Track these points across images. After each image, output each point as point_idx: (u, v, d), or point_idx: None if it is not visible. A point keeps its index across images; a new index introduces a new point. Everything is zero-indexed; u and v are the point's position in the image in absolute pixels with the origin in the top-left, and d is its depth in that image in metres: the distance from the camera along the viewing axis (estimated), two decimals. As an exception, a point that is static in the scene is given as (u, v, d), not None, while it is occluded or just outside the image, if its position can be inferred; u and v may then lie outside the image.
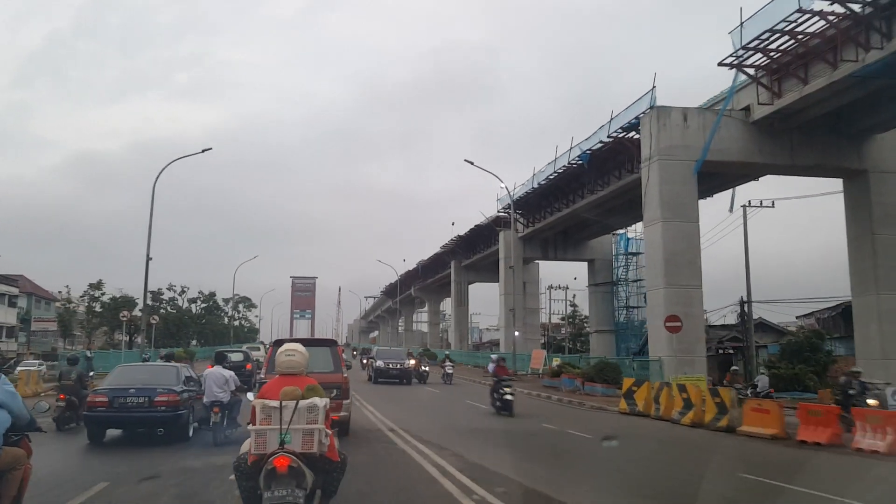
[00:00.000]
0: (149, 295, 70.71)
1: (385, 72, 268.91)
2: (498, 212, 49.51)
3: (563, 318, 73.97)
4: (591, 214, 43.32)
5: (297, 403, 5.16)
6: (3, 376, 5.08)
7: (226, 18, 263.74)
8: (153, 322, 42.36)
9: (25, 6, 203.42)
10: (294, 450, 5.05)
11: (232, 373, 12.88)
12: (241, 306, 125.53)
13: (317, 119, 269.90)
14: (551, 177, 40.44)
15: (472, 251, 61.85)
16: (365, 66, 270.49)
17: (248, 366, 23.38)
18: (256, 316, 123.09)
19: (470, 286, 67.15)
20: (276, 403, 5.18)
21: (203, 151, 32.99)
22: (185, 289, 69.84)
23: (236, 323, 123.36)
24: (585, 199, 39.70)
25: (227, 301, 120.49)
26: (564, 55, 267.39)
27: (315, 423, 5.19)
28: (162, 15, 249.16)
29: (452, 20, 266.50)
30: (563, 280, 71.00)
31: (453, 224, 72.57)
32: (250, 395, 7.67)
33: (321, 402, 5.30)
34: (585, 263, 52.51)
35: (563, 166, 38.39)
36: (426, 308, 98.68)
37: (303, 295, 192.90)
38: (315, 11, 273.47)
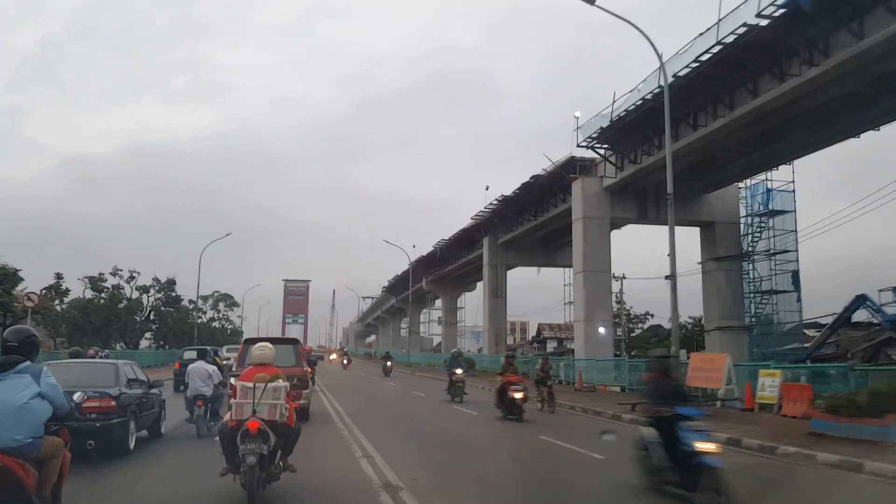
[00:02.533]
0: (85, 281, 53.22)
1: (380, 76, 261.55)
2: (578, 145, 31.91)
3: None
4: (749, 135, 26.13)
5: (265, 385, 6.88)
6: (44, 369, 5.11)
7: (221, 23, 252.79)
8: (29, 306, 24.57)
9: (20, 9, 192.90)
10: (262, 417, 6.74)
11: (215, 367, 12.87)
12: (221, 305, 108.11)
13: (311, 123, 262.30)
14: (702, 59, 23.05)
15: (517, 221, 44.40)
16: (360, 70, 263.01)
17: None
18: (239, 316, 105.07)
19: (508, 272, 49.69)
20: (251, 384, 6.91)
21: None
22: (135, 274, 51.92)
23: (216, 324, 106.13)
24: (762, 96, 22.45)
25: (204, 298, 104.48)
26: (562, 61, 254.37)
27: (278, 400, 6.91)
28: (157, 19, 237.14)
29: (448, 26, 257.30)
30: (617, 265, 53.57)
31: (487, 188, 50.88)
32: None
33: (283, 384, 7.07)
34: (697, 229, 35.13)
35: (748, 25, 21.02)
36: (438, 305, 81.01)
37: (295, 299, 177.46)
38: (310, 17, 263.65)
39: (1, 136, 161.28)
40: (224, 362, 20.44)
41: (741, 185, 33.85)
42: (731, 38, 21.74)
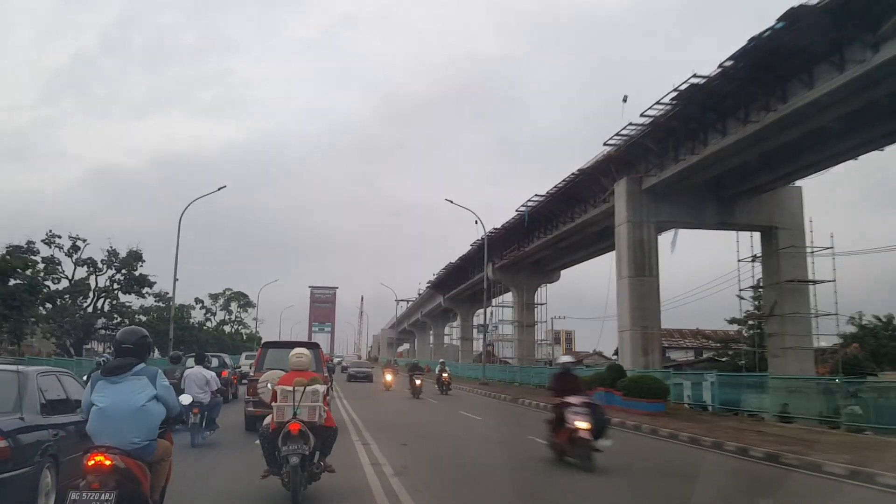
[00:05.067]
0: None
1: (404, 85, 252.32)
2: None
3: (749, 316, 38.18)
4: None
5: (304, 388, 6.98)
6: (159, 371, 4.89)
7: (248, 38, 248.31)
8: None
9: (54, 25, 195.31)
10: (302, 419, 6.82)
11: (213, 373, 12.24)
12: (234, 305, 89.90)
13: (335, 133, 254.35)
14: None
15: (697, 141, 25.31)
16: (384, 79, 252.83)
17: (224, 373, 19.13)
18: (255, 319, 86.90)
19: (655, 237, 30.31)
20: (290, 388, 6.98)
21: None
22: (79, 243, 33.65)
23: (228, 328, 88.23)
24: None
25: (214, 297, 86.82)
26: (588, 69, 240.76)
27: (317, 402, 7.00)
28: (187, 34, 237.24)
29: (472, 33, 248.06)
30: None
31: (625, 100, 30.46)
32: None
33: (321, 387, 7.16)
34: None
35: None
36: (497, 303, 61.59)
37: (322, 307, 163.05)
38: (336, 29, 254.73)
39: (34, 147, 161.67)
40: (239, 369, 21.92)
41: None
42: None
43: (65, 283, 34.02)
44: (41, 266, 33.23)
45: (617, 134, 27.93)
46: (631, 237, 28.97)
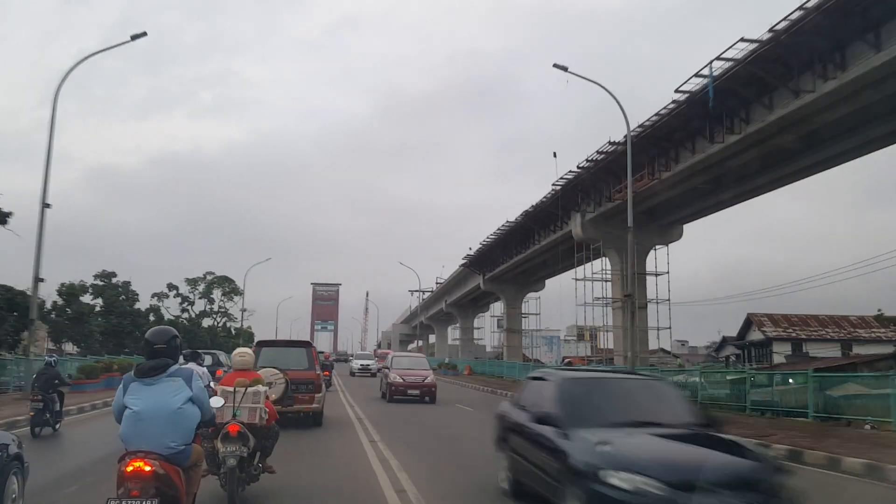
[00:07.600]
0: None
1: (404, 83, 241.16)
2: None
3: None
4: None
5: (245, 389, 6.84)
6: (194, 372, 4.66)
7: (249, 38, 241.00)
8: None
9: (54, 26, 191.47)
10: (242, 420, 6.64)
11: (204, 369, 11.42)
12: (217, 292, 71.78)
13: (335, 133, 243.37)
14: None
15: None
16: (384, 79, 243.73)
17: (219, 371, 17.89)
18: (243, 310, 69.09)
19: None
20: (231, 388, 6.84)
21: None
22: None
23: (210, 321, 70.52)
24: None
25: (193, 282, 69.18)
26: (590, 66, 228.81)
27: (258, 404, 6.85)
28: (188, 35, 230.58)
29: (474, 32, 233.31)
30: None
31: None
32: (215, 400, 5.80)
33: (262, 388, 7.06)
34: None
35: None
36: (590, 275, 43.12)
37: (325, 304, 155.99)
38: (338, 30, 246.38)
39: (35, 147, 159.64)
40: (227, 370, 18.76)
41: None
42: None
43: None
44: None
45: None
46: None
